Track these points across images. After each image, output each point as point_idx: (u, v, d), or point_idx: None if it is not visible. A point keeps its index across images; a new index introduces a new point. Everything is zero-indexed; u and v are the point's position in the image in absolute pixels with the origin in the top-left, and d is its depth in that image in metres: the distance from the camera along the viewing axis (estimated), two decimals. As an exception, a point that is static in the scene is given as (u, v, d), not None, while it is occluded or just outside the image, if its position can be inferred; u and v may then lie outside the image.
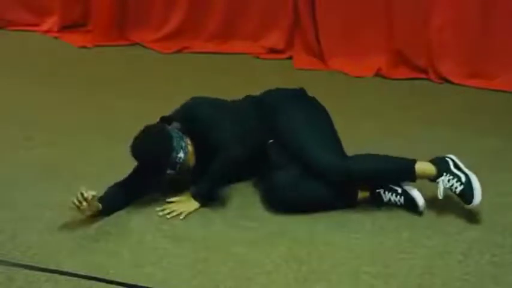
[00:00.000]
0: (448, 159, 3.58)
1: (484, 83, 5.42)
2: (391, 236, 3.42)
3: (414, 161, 3.55)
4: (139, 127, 4.36)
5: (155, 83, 5.37)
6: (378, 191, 3.60)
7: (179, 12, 6.17)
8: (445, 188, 3.50)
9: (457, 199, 3.52)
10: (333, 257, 3.26)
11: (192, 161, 3.65)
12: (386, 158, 3.57)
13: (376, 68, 5.53)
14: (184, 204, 3.60)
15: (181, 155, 3.56)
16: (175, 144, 3.56)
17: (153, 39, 6.20)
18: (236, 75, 5.58)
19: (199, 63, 5.86)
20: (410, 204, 3.56)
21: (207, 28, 6.15)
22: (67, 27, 6.40)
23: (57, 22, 6.39)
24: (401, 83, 5.41)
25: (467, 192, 3.46)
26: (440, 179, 3.52)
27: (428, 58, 5.52)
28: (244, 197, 3.76)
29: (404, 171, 3.55)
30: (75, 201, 3.33)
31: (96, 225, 3.46)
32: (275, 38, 6.04)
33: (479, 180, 3.49)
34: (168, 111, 4.39)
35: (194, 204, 3.59)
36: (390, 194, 3.59)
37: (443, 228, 3.47)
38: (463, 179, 3.49)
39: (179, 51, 6.09)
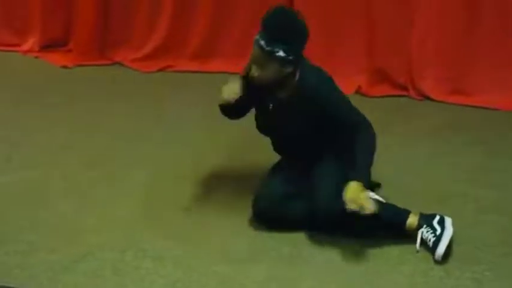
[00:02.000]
0: (437, 215, 3.51)
1: (465, 99, 5.45)
2: (375, 254, 3.43)
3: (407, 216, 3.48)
4: (122, 147, 4.39)
5: (138, 103, 5.36)
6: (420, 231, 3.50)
7: (161, 31, 6.17)
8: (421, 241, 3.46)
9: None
10: (314, 278, 3.26)
11: (275, 79, 3.44)
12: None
13: (356, 86, 5.56)
14: (362, 196, 3.29)
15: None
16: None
17: (134, 58, 6.20)
18: (218, 94, 5.57)
19: (182, 82, 5.86)
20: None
21: (189, 47, 6.16)
22: (48, 47, 6.39)
23: (38, 42, 6.38)
24: (382, 101, 5.43)
25: (435, 245, 3.39)
26: (419, 231, 3.47)
27: (408, 75, 5.56)
28: (230, 212, 3.76)
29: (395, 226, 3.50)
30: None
31: (77, 245, 3.45)
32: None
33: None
34: (152, 131, 4.44)
35: (366, 193, 3.33)
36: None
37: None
38: (438, 231, 3.43)
39: (161, 70, 6.10)
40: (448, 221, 3.48)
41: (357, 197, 3.28)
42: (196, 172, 4.17)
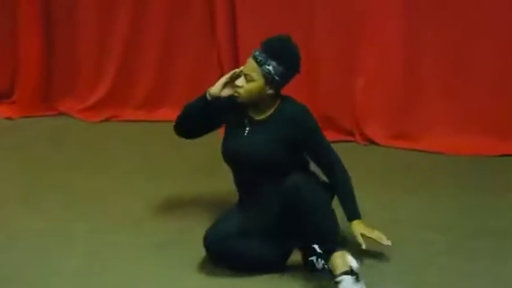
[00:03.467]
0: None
1: (409, 144, 5.51)
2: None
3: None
4: (69, 198, 4.35)
5: (83, 153, 5.31)
6: (310, 259, 3.56)
7: (106, 81, 6.15)
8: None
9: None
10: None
11: (255, 97, 3.57)
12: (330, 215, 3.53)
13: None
14: (375, 232, 3.61)
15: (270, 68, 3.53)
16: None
17: (80, 108, 6.16)
18: (165, 143, 5.56)
19: (128, 132, 5.83)
20: None
21: (135, 96, 6.15)
22: (-8, 98, 6.33)
23: (-18, 94, 6.32)
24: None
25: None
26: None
27: (353, 120, 5.62)
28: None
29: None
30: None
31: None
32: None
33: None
34: (97, 183, 4.40)
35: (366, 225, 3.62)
36: (323, 261, 3.50)
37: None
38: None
39: (107, 120, 6.06)
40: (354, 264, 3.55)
41: (369, 230, 3.59)
42: (140, 224, 4.12)
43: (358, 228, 3.59)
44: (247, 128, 3.64)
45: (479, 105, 5.47)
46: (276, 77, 3.53)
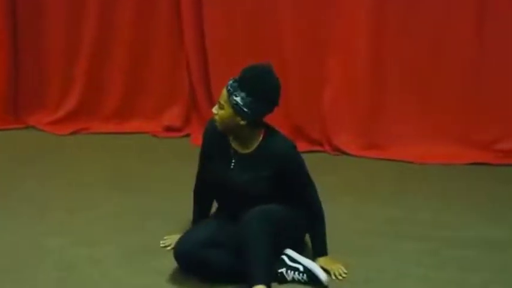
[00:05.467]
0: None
1: (379, 153, 5.55)
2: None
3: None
4: (40, 213, 4.31)
5: (52, 166, 5.27)
6: (280, 271, 3.60)
7: (75, 93, 6.11)
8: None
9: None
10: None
11: (230, 126, 3.54)
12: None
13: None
14: (335, 265, 3.68)
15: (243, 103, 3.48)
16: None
17: (48, 121, 6.12)
18: (134, 155, 5.55)
19: (98, 144, 5.80)
20: (314, 280, 3.56)
21: (104, 108, 6.12)
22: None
23: None
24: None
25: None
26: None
27: (322, 131, 5.64)
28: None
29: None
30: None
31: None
32: (172, 116, 6.06)
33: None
34: (68, 196, 4.35)
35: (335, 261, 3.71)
36: (292, 272, 3.59)
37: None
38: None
39: (76, 132, 6.02)
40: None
41: (336, 266, 3.67)
42: (112, 235, 4.11)
43: (321, 263, 3.67)
44: (233, 161, 3.63)
45: (448, 115, 5.54)
46: (245, 109, 3.47)
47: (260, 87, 3.49)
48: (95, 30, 6.00)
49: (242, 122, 3.51)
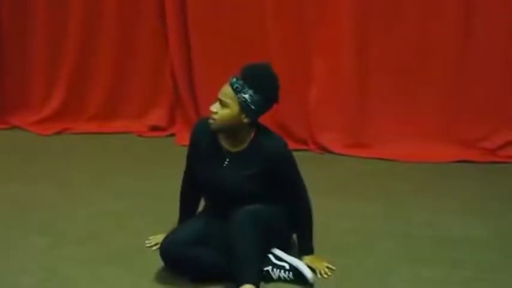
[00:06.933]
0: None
1: (364, 152, 5.56)
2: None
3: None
4: (23, 213, 4.29)
5: (36, 166, 5.25)
6: (266, 269, 3.59)
7: (59, 94, 6.10)
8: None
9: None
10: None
11: (230, 125, 3.51)
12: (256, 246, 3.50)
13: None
14: (321, 263, 3.69)
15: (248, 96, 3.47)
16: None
17: (32, 121, 6.10)
18: (119, 155, 5.53)
19: (82, 145, 5.78)
20: (299, 278, 3.56)
21: (88, 108, 6.11)
22: None
23: None
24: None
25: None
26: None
27: (308, 130, 5.64)
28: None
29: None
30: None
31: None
32: (157, 116, 6.06)
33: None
34: (52, 196, 4.33)
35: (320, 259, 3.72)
36: (278, 270, 3.59)
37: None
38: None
39: (60, 132, 6.00)
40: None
41: (321, 264, 3.67)
42: (97, 237, 4.09)
43: (307, 261, 3.67)
44: (227, 160, 3.62)
45: (432, 113, 5.55)
46: (252, 106, 3.48)
47: (266, 85, 3.52)
48: (79, 30, 5.99)
49: (246, 120, 3.51)
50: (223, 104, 3.49)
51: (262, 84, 3.50)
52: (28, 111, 6.14)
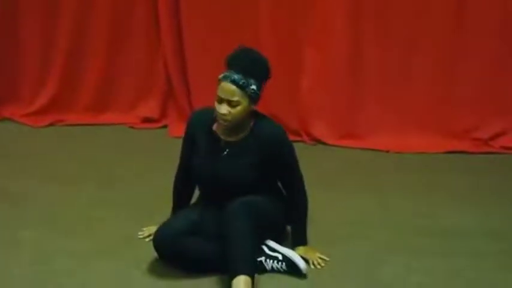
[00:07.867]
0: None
1: (356, 143, 5.57)
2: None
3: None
4: (15, 205, 4.27)
5: (28, 159, 5.24)
6: (259, 259, 3.60)
7: (50, 85, 6.08)
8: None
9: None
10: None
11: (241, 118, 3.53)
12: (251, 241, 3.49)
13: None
14: (314, 254, 3.69)
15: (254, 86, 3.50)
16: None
17: (24, 113, 6.08)
18: (112, 147, 5.53)
19: (74, 136, 5.77)
20: (293, 269, 3.57)
21: (80, 100, 6.09)
22: None
23: None
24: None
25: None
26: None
27: (300, 121, 5.64)
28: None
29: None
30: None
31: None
32: (149, 108, 6.05)
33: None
34: (43, 189, 4.30)
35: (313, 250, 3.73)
36: (272, 261, 3.59)
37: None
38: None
39: (52, 124, 5.99)
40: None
41: (314, 255, 3.69)
42: (88, 229, 4.09)
43: (300, 252, 3.67)
44: (227, 150, 3.61)
45: (424, 104, 5.58)
46: (259, 93, 3.52)
47: (261, 68, 3.56)
48: (71, 22, 5.97)
49: (253, 107, 3.55)
50: (233, 103, 3.48)
51: (258, 69, 3.53)
52: (20, 103, 6.12)
